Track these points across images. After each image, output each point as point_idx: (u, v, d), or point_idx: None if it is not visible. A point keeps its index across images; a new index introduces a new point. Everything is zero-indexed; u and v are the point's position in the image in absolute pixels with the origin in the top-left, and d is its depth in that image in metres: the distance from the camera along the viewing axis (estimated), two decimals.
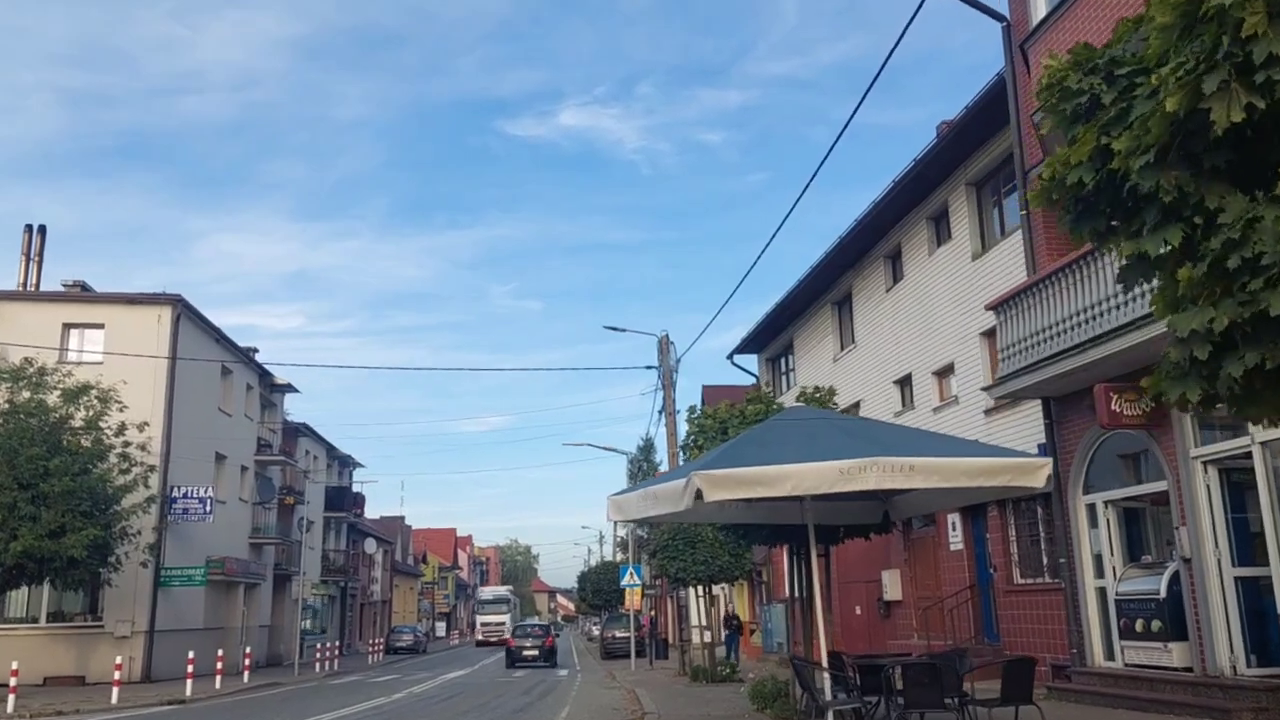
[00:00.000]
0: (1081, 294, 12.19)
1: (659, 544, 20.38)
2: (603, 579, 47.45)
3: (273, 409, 40.03)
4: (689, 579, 19.89)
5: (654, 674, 25.64)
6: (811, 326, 26.87)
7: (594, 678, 27.36)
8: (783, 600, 29.87)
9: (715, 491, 7.99)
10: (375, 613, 62.29)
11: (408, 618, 73.90)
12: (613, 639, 40.14)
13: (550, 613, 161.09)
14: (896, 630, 21.44)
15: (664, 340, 26.11)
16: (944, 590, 19.27)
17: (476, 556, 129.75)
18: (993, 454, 8.73)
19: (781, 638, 28.95)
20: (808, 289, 25.68)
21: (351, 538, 54.32)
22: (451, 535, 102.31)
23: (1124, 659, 12.36)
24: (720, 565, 19.82)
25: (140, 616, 27.38)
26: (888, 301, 22.18)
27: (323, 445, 47.99)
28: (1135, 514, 13.06)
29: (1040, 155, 14.10)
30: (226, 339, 33.57)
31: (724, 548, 19.91)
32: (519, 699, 20.40)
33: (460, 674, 32.02)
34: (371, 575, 60.51)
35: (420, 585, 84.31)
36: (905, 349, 21.19)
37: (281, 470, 40.84)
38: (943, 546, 19.50)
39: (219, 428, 33.34)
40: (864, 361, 23.31)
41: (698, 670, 21.01)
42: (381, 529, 67.19)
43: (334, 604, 51.46)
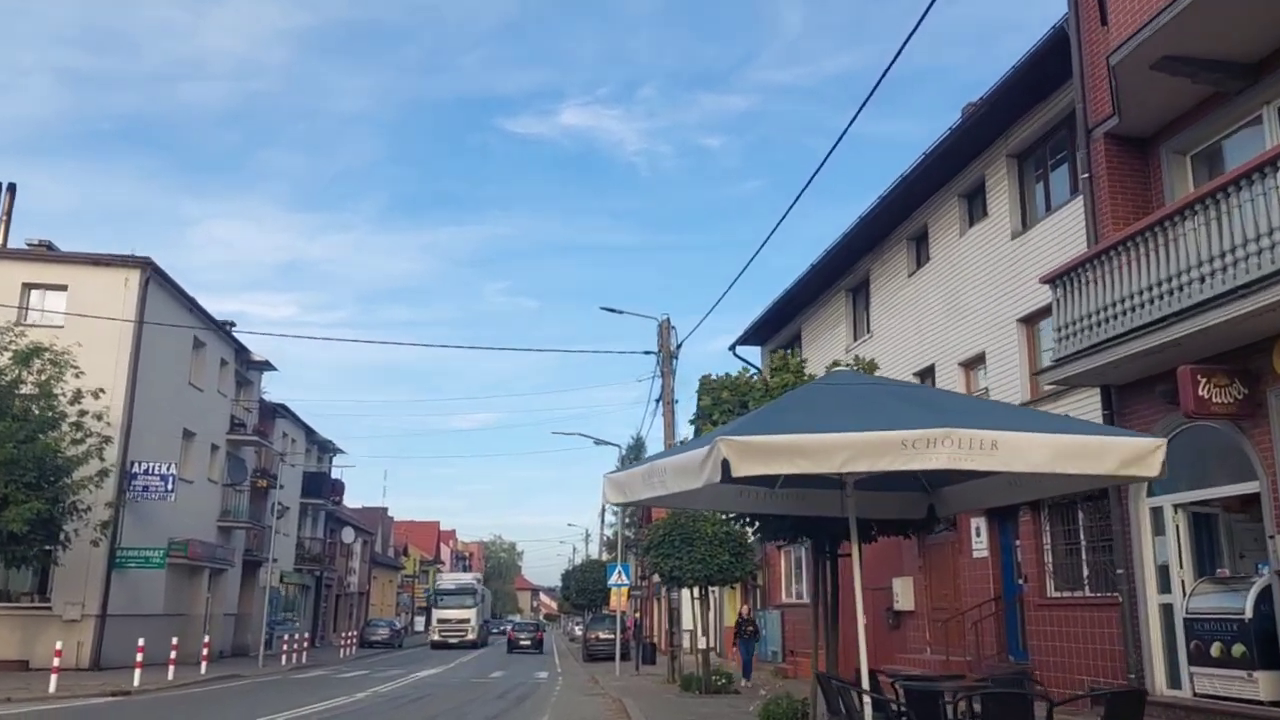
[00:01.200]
0: (1159, 264, 10.50)
1: (652, 540, 18.63)
2: (588, 578, 45.64)
3: (249, 387, 38.17)
4: (685, 579, 18.13)
5: (640, 680, 23.90)
6: (822, 315, 25.17)
7: (575, 682, 25.61)
8: (779, 606, 28.19)
9: (746, 463, 6.25)
10: (351, 605, 60.42)
11: (386, 611, 71.99)
12: (596, 640, 38.39)
13: (533, 611, 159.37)
14: (906, 643, 19.74)
15: (664, 324, 24.41)
16: (964, 601, 17.57)
17: (460, 551, 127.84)
18: (1093, 431, 7.00)
19: (777, 646, 27.27)
20: (820, 275, 23.97)
21: (329, 526, 52.47)
22: (434, 529, 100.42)
23: (1194, 687, 10.66)
24: (719, 565, 18.08)
25: (91, 599, 25.52)
26: (910, 287, 20.48)
27: (302, 429, 46.12)
28: (1206, 520, 11.37)
29: (1108, 110, 12.43)
30: (200, 309, 31.72)
31: (724, 546, 18.19)
32: (493, 704, 18.64)
33: (433, 672, 30.23)
34: (349, 566, 58.65)
35: (400, 578, 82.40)
36: (929, 338, 19.50)
37: (256, 452, 39.01)
38: (964, 554, 17.81)
39: (188, 402, 31.51)
40: (881, 352, 21.58)
41: (690, 679, 19.26)
42: (362, 519, 65.26)
43: (308, 594, 49.60)
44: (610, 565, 29.25)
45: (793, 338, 28.04)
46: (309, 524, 48.84)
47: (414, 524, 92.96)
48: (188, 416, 31.38)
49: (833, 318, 24.51)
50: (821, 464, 6.40)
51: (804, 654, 24.21)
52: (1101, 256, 11.52)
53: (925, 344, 19.63)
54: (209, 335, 32.95)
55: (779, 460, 6.39)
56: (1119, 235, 11.33)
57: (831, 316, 24.61)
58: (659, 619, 45.87)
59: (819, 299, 25.33)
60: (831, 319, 24.59)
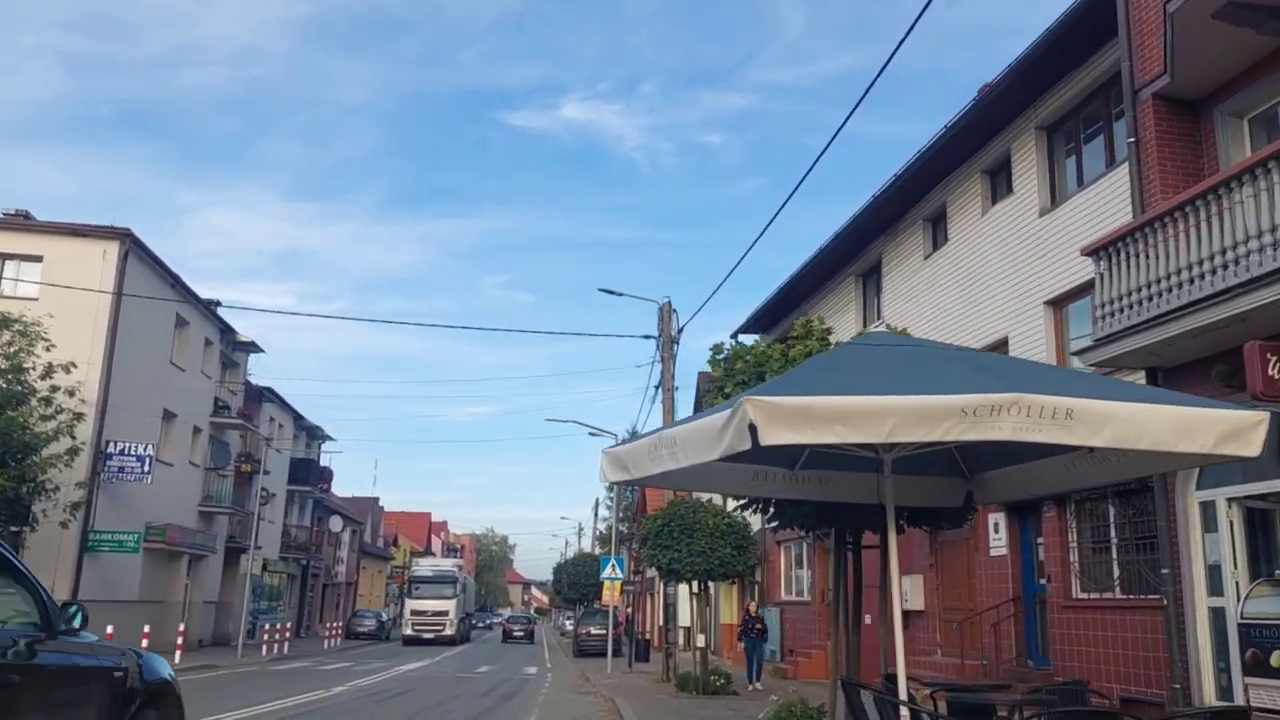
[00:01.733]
0: (1219, 232, 9.47)
1: (649, 531, 17.58)
2: (580, 572, 44.72)
3: (234, 369, 37.05)
4: (683, 573, 17.08)
5: (633, 679, 22.88)
6: (830, 302, 24.13)
7: (565, 679, 24.59)
8: (779, 603, 27.19)
9: (777, 428, 5.19)
10: (339, 594, 59.36)
11: (374, 602, 70.93)
12: (587, 636, 37.34)
13: (524, 605, 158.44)
14: (915, 645, 18.69)
15: (665, 307, 23.33)
16: (979, 602, 16.57)
17: (451, 543, 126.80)
18: (1183, 401, 5.95)
19: (776, 645, 26.27)
20: (828, 259, 22.94)
21: (316, 514, 51.38)
22: (426, 520, 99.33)
23: (1249, 699, 9.64)
24: (721, 559, 17.05)
25: (62, 584, 24.36)
26: (926, 270, 19.45)
27: (289, 414, 45.01)
28: (1264, 516, 10.35)
29: (1158, 69, 11.39)
30: (183, 285, 30.59)
31: (726, 538, 17.17)
32: (477, 702, 17.59)
33: (418, 665, 29.20)
34: (337, 555, 57.58)
35: (390, 569, 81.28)
36: (946, 324, 18.45)
37: (241, 436, 37.92)
38: (980, 551, 16.79)
39: (169, 382, 30.41)
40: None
41: (686, 679, 18.23)
42: (351, 508, 64.20)
43: (294, 583, 48.55)
44: (604, 558, 28.20)
45: None
46: (295, 512, 47.76)
47: (405, 515, 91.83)
48: (168, 396, 30.27)
49: (841, 304, 23.48)
50: (866, 432, 5.35)
51: (804, 654, 23.21)
52: (1151, 225, 10.49)
53: (943, 330, 18.57)
54: (193, 314, 31.82)
55: (815, 426, 5.33)
56: (1171, 202, 10.29)
57: (840, 303, 23.58)
58: (653, 615, 44.87)
59: (826, 285, 24.30)
60: (840, 305, 23.55)
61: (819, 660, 22.65)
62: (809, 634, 23.92)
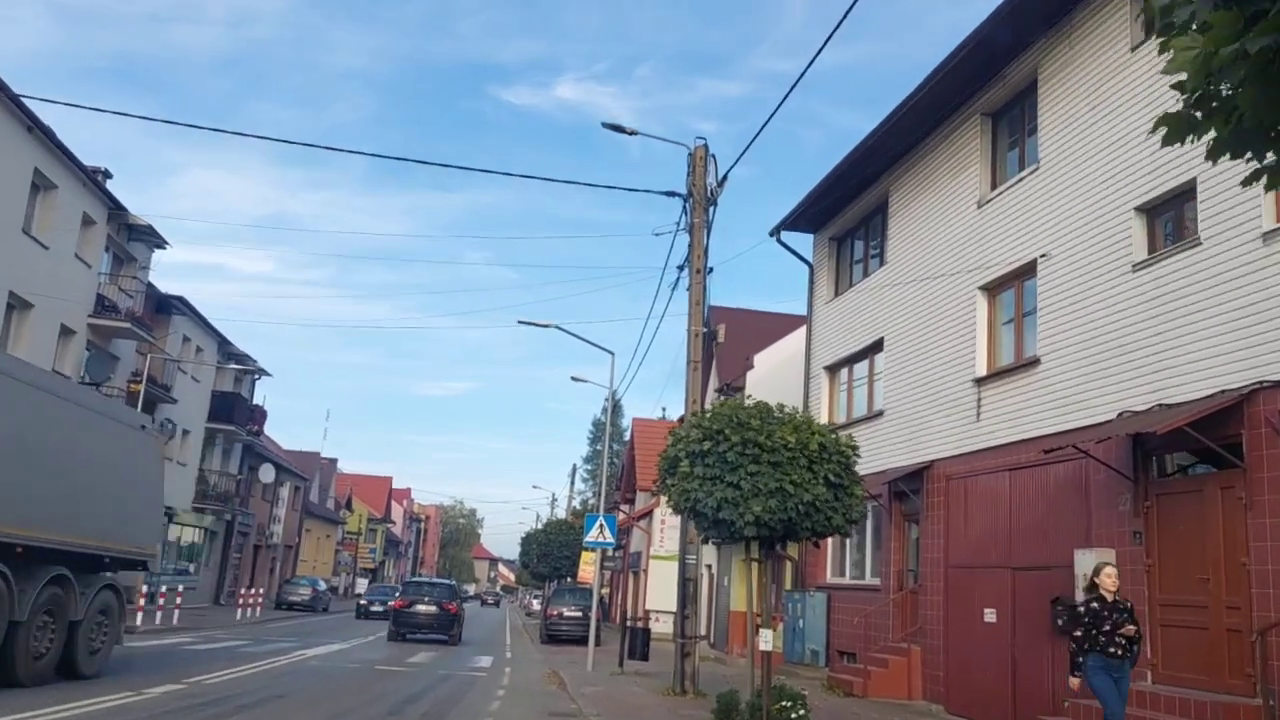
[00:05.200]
0: None
1: (681, 449, 10.30)
2: (553, 541, 37.47)
3: (130, 264, 29.43)
4: (742, 527, 9.79)
5: (628, 687, 15.73)
6: (931, 165, 16.92)
7: (529, 680, 17.35)
8: (824, 587, 20.10)
9: None
10: (274, 558, 51.90)
11: (322, 569, 63.50)
12: (559, 618, 30.17)
13: (490, 582, 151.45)
14: None
15: (699, 152, 16.05)
16: (1246, 597, 9.48)
17: (415, 514, 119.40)
18: None
19: (819, 643, 19.16)
20: (934, 100, 15.71)
21: (247, 462, 43.87)
22: (386, 485, 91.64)
23: None
24: (810, 503, 9.82)
25: None
26: (1135, 66, 12.21)
27: (213, 337, 37.40)
28: None
29: None
30: (51, 137, 23.04)
31: (819, 469, 9.96)
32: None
33: (337, 649, 21.99)
34: (273, 513, 50.05)
35: (342, 534, 73.79)
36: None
37: (138, 351, 30.35)
38: (1262, 509, 9.67)
39: (22, 259, 22.88)
40: (1057, 191, 13.40)
41: (729, 702, 10.98)
42: (296, 462, 56.73)
43: (213, 540, 41.07)
44: (590, 516, 20.95)
45: (869, 211, 19.78)
46: (218, 455, 40.22)
47: (362, 477, 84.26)
48: (19, 277, 22.75)
49: (954, 161, 16.24)
50: None
51: (875, 661, 16.09)
52: None
53: (1159, 162, 11.39)
54: (65, 176, 24.27)
55: None
56: None
57: (950, 161, 16.35)
58: (635, 598, 37.69)
59: (926, 143, 17.07)
60: (951, 165, 16.32)
61: (897, 671, 15.52)
62: (877, 633, 16.82)
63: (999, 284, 14.69)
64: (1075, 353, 12.50)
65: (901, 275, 17.61)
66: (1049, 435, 12.72)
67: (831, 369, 20.68)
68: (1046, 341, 13.15)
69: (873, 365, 19.01)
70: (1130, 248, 11.74)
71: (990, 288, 14.90)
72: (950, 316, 15.75)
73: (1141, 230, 11.74)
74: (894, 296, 17.84)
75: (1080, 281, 12.60)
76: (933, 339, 16.27)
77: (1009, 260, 14.21)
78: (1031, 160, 14.25)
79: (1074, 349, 12.54)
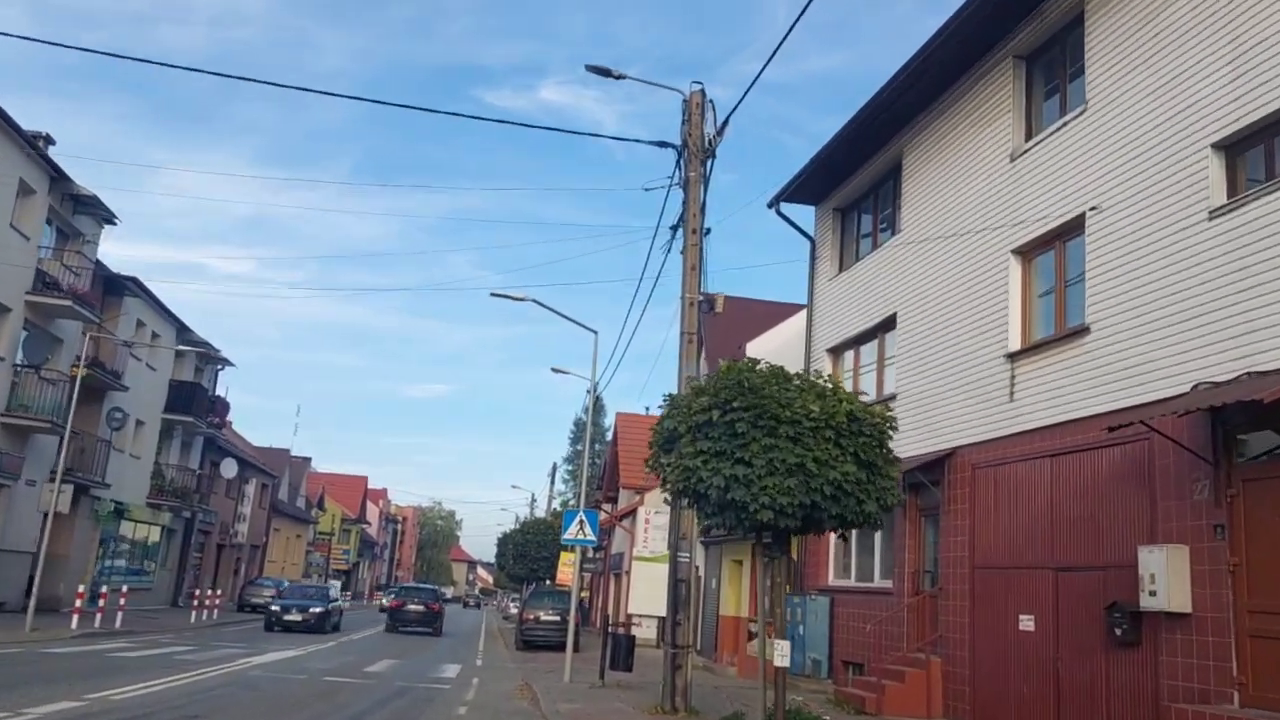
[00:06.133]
0: None
1: (682, 419, 8.44)
2: (530, 542, 35.51)
3: (76, 239, 27.30)
4: (755, 510, 7.93)
5: (612, 703, 13.84)
6: (955, 117, 15.15)
7: (496, 696, 15.42)
8: (826, 589, 18.29)
9: None
10: (239, 558, 49.67)
11: (291, 570, 61.14)
12: (535, 623, 28.23)
13: (468, 585, 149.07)
14: (1171, 672, 9.83)
15: (694, 98, 14.22)
16: None
17: (392, 514, 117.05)
18: None
19: (821, 652, 17.35)
20: (960, 44, 13.97)
21: (209, 457, 41.68)
22: (361, 485, 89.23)
23: None
24: (837, 484, 7.99)
25: None
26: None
27: (171, 323, 35.21)
28: None
29: None
30: None
31: (847, 444, 8.14)
32: None
33: (286, 656, 20.00)
34: (239, 511, 47.83)
35: (314, 534, 71.47)
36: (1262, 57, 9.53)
37: (84, 333, 28.18)
38: None
39: None
40: (1110, 134, 11.64)
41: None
42: (265, 459, 54.52)
43: (171, 539, 38.88)
44: (569, 513, 19.07)
45: (880, 179, 18.02)
46: (176, 449, 38.02)
47: (336, 476, 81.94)
48: None
49: (980, 113, 14.47)
50: None
51: (891, 674, 14.29)
52: None
53: (1242, 82, 9.64)
54: None
55: None
56: None
57: (976, 113, 14.58)
58: (617, 601, 35.77)
59: (946, 95, 15.32)
60: (977, 118, 14.55)
61: (915, 686, 13.72)
62: (890, 642, 15.01)
63: (1036, 245, 12.92)
64: (1134, 318, 10.75)
65: (918, 244, 15.84)
66: (1101, 415, 10.97)
67: (835, 351, 18.88)
68: (1098, 307, 11.39)
69: (883, 345, 17.24)
70: (1206, 191, 10.00)
71: (1025, 250, 13.13)
72: (977, 286, 13.99)
73: (1219, 170, 10.00)
74: (908, 267, 16.07)
75: (1140, 235, 10.84)
76: (955, 312, 14.50)
77: (1049, 217, 12.44)
78: (1076, 103, 12.50)
79: (1132, 314, 10.78)
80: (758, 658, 20.01)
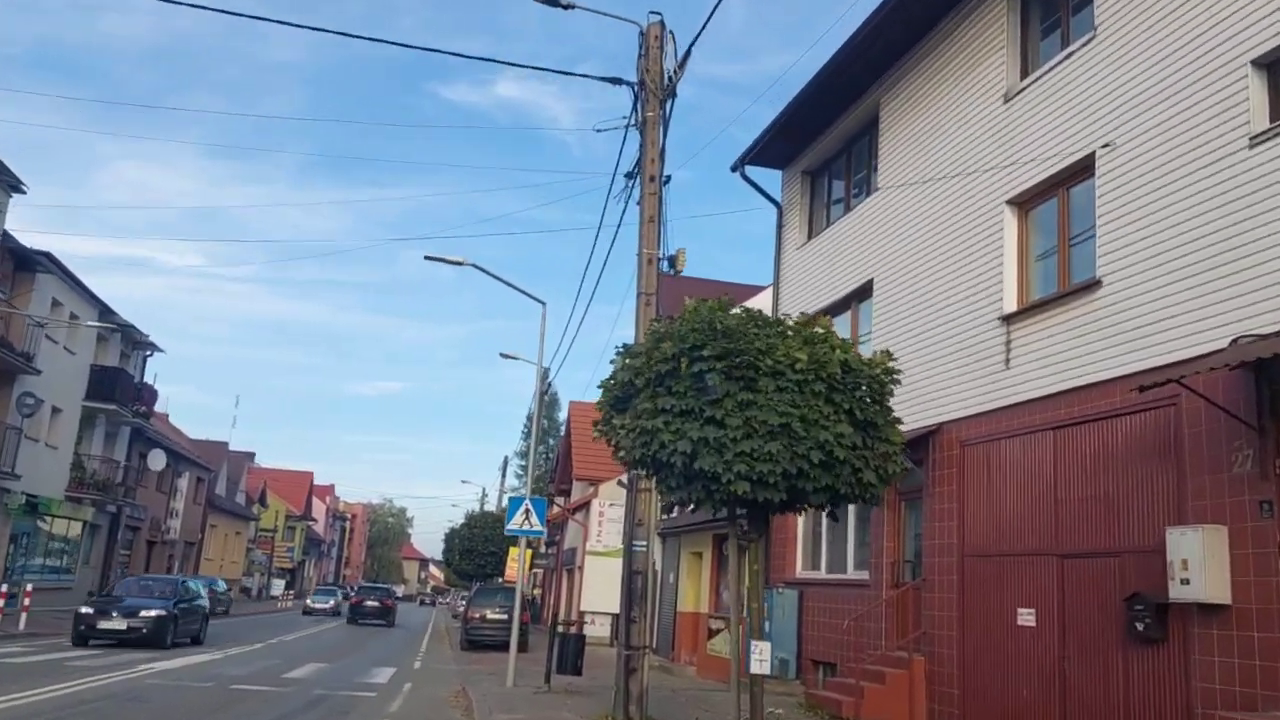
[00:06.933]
0: None
1: (645, 370, 6.85)
2: (476, 537, 33.73)
3: None
4: (730, 480, 6.37)
5: (554, 711, 12.21)
6: (939, 61, 13.72)
7: (429, 698, 13.69)
8: (795, 582, 16.84)
9: None
10: (172, 555, 47.22)
11: (229, 568, 58.65)
12: (481, 621, 26.51)
13: (420, 583, 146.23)
14: (1189, 677, 8.45)
15: (654, 29, 12.62)
16: None
17: (340, 512, 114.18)
18: None
19: (788, 650, 15.86)
20: None
21: (138, 448, 39.32)
22: (307, 480, 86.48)
23: None
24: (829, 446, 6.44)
25: None
26: None
27: (92, 304, 32.83)
28: None
29: None
30: None
31: (840, 400, 6.58)
32: None
33: (199, 660, 18.11)
34: (171, 506, 45.44)
35: (255, 531, 68.89)
36: None
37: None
38: None
39: None
40: (1125, 60, 10.24)
41: None
42: (201, 453, 52.06)
43: (95, 535, 36.51)
44: (513, 500, 17.40)
45: (855, 136, 16.57)
46: (99, 439, 35.66)
47: (279, 472, 79.32)
48: None
49: (968, 54, 13.05)
50: None
51: (871, 675, 12.85)
52: None
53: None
54: None
55: None
56: None
57: (963, 54, 13.16)
58: (569, 599, 34.13)
59: (928, 38, 13.88)
60: (964, 59, 13.13)
61: (897, 689, 12.30)
62: (867, 639, 13.55)
63: (1036, 194, 11.52)
64: (1155, 267, 9.37)
65: (897, 203, 14.41)
66: (1116, 380, 9.60)
67: None
68: (1111, 257, 10.00)
69: (856, 316, 15.80)
70: (1245, 115, 8.62)
71: (1022, 201, 11.73)
72: (966, 243, 12.57)
73: (1261, 91, 8.63)
74: (886, 230, 14.64)
75: (1163, 172, 9.45)
76: (940, 275, 13.08)
77: (1051, 161, 11.04)
78: (1081, 32, 11.10)
79: (1153, 262, 9.40)
80: (719, 657, 18.60)
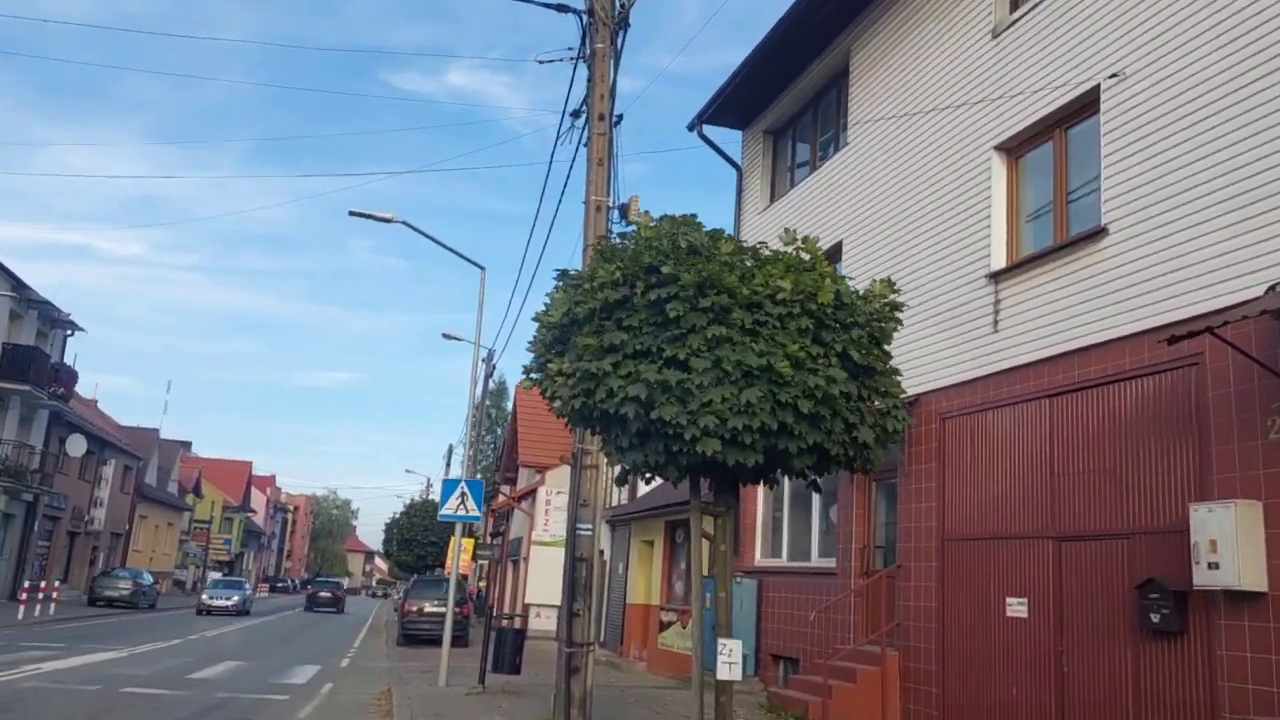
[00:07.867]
0: None
1: (589, 299, 5.53)
2: (416, 526, 32.14)
3: None
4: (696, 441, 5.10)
5: (485, 716, 10.88)
6: (915, 0, 12.55)
7: (349, 701, 12.26)
8: (753, 571, 15.64)
9: None
10: (96, 546, 44.89)
11: (160, 560, 56.18)
12: (418, 615, 24.99)
13: (365, 576, 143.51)
14: (1214, 674, 7.36)
15: None
16: None
17: (282, 503, 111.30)
18: None
19: (746, 645, 14.56)
20: None
21: (58, 433, 37.06)
22: (245, 470, 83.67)
23: None
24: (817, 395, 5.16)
25: None
26: None
27: (4, 278, 30.68)
28: None
29: None
30: None
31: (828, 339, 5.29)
32: None
33: (100, 658, 16.46)
34: (95, 495, 43.13)
35: (189, 523, 66.28)
36: None
37: None
38: None
39: None
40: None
41: None
42: (130, 440, 49.61)
43: (10, 524, 34.29)
44: (447, 484, 15.96)
45: (822, 88, 15.37)
46: (13, 422, 33.43)
47: (216, 461, 76.59)
48: None
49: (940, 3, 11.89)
50: None
51: (841, 673, 11.70)
52: None
53: None
54: None
55: None
56: None
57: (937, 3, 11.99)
58: (514, 593, 32.71)
59: None
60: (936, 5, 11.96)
61: (868, 687, 11.14)
62: (835, 631, 12.37)
63: (1028, 137, 10.38)
64: (1172, 211, 8.25)
65: (869, 159, 13.23)
66: (1124, 339, 8.50)
67: None
68: (1119, 201, 8.87)
69: None
70: (1277, 34, 7.52)
71: (1012, 146, 10.59)
72: (948, 196, 11.42)
73: None
74: (858, 188, 13.47)
75: (1181, 103, 8.33)
76: (918, 233, 11.92)
77: (1048, 98, 9.90)
78: None
79: (1170, 204, 8.28)
80: (671, 651, 17.33)
